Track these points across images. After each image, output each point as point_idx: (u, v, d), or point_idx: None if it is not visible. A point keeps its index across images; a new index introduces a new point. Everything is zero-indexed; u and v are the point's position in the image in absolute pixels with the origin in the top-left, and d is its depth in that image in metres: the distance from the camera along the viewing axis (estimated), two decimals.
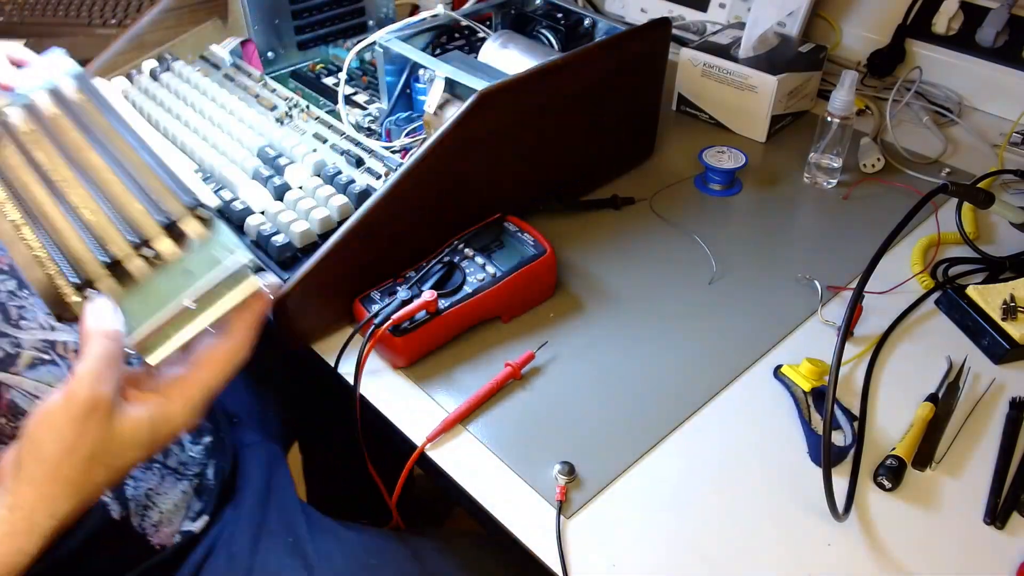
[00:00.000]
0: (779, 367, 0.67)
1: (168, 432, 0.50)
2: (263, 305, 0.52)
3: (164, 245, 0.52)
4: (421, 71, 0.79)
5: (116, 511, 0.62)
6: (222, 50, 0.95)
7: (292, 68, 0.97)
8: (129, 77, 0.94)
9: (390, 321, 0.65)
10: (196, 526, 0.68)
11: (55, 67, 0.63)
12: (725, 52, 0.97)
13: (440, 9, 0.86)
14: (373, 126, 0.86)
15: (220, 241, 0.52)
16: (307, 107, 0.87)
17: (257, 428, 0.81)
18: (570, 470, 0.59)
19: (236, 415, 0.80)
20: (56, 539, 0.47)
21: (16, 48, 0.70)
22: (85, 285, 0.50)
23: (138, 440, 0.48)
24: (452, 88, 0.76)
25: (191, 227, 0.52)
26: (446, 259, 0.71)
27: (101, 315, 0.48)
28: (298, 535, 0.71)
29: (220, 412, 0.78)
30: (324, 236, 0.72)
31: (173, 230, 0.52)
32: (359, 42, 0.84)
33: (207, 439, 0.72)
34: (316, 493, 1.20)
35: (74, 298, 0.50)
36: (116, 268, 0.51)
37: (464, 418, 0.64)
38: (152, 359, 0.50)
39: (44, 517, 0.46)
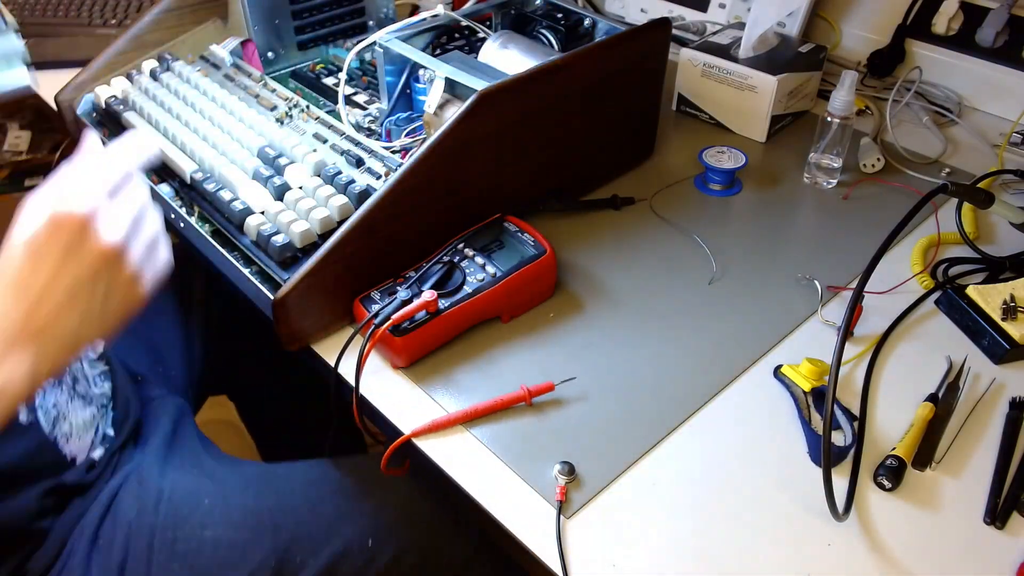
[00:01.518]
0: (779, 367, 0.67)
1: None
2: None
3: None
4: (421, 71, 0.79)
5: (24, 416, 0.65)
6: (222, 50, 0.95)
7: (292, 68, 0.97)
8: (129, 77, 0.94)
9: (390, 321, 0.65)
10: (97, 453, 0.73)
11: None
12: (725, 52, 0.97)
13: (440, 9, 0.86)
14: (373, 126, 0.86)
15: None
16: (307, 107, 0.87)
17: (161, 384, 0.87)
18: (570, 470, 0.59)
19: (139, 375, 0.86)
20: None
21: None
22: None
23: None
24: (452, 88, 0.76)
25: None
26: (446, 259, 0.71)
27: (131, 145, 0.52)
28: (203, 466, 0.79)
29: (122, 372, 0.82)
30: (324, 236, 0.72)
31: None
32: (359, 42, 0.84)
33: (107, 384, 0.78)
34: (265, 443, 1.25)
35: None
36: None
37: (460, 423, 0.64)
38: None
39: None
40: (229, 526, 0.72)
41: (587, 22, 0.89)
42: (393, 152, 0.80)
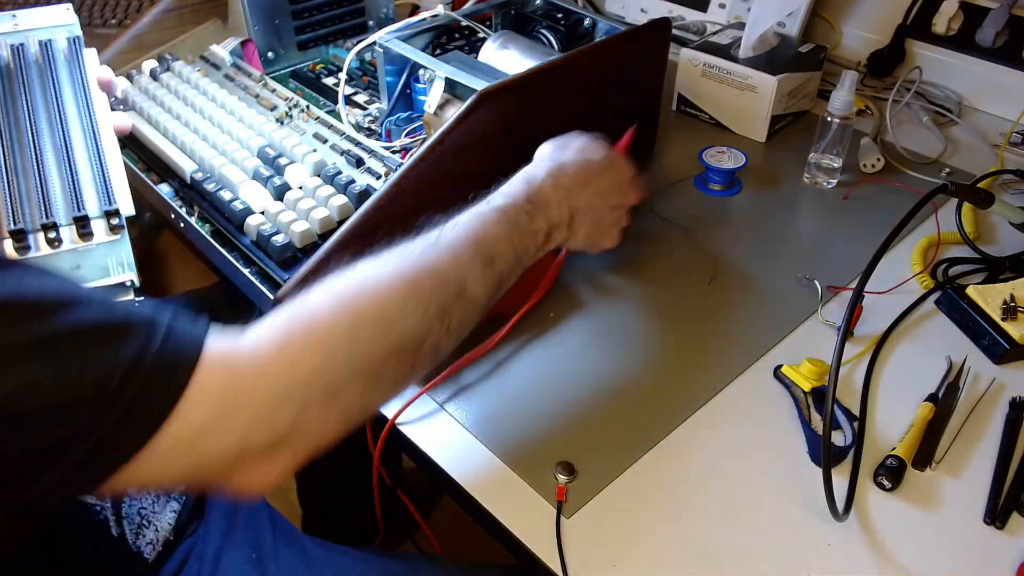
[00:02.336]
0: (779, 367, 0.67)
1: None
2: None
3: (68, 234, 0.55)
4: (421, 71, 0.79)
5: (115, 530, 0.64)
6: (222, 50, 0.95)
7: (292, 68, 0.97)
8: (129, 77, 0.94)
9: None
10: (165, 536, 0.70)
11: (56, 20, 0.68)
12: (725, 52, 0.97)
13: (440, 9, 0.86)
14: (373, 126, 0.86)
15: (118, 253, 0.55)
16: (307, 107, 0.87)
17: None
18: (570, 470, 0.59)
19: None
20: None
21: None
22: None
23: None
24: (452, 88, 0.76)
25: (100, 229, 0.56)
26: None
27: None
28: (262, 551, 0.71)
29: None
30: (324, 236, 0.72)
31: (83, 223, 0.55)
32: (359, 42, 0.84)
33: None
34: (312, 518, 1.21)
35: None
36: (19, 235, 0.54)
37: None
38: None
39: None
40: None
41: (587, 22, 0.89)
42: (393, 152, 0.80)
